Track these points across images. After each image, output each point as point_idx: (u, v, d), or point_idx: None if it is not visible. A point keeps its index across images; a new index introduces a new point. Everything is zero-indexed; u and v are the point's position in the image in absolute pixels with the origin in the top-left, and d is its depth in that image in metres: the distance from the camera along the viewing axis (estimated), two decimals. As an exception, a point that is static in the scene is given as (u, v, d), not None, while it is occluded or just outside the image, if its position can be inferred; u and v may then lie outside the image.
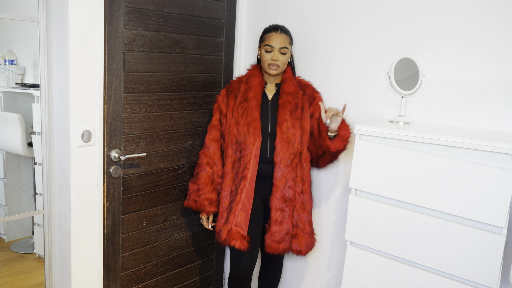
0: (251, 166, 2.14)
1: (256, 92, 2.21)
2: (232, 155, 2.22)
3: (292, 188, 2.16)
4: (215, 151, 2.28)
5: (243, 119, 2.17)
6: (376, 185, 1.86)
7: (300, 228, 2.21)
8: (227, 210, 2.20)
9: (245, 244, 2.12)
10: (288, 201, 2.15)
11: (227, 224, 2.15)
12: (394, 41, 2.08)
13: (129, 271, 2.26)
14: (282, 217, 2.14)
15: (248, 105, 2.18)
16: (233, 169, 2.22)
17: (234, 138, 2.20)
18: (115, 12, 1.99)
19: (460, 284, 1.69)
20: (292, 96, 2.19)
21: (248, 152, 2.14)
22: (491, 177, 1.60)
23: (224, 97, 2.31)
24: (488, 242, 1.61)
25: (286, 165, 2.14)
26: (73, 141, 1.93)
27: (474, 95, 1.89)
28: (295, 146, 2.15)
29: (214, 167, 2.27)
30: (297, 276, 2.55)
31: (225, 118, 2.28)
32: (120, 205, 2.15)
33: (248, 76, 2.27)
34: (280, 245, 2.16)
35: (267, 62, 2.17)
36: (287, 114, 2.15)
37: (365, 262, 1.92)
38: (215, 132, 2.30)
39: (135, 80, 2.11)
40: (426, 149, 1.75)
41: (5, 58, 2.38)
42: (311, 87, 2.29)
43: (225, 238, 2.13)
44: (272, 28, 2.21)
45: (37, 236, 2.46)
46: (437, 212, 1.73)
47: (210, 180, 2.26)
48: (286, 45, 2.17)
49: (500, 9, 1.80)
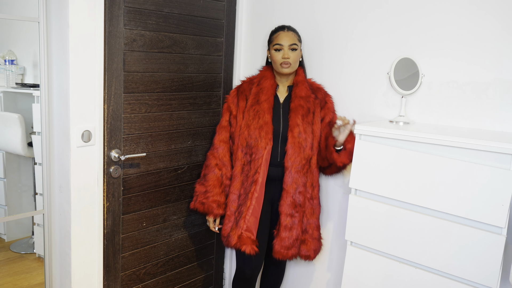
0: (262, 170, 2.11)
1: (269, 95, 2.17)
2: (242, 158, 2.19)
3: (302, 193, 2.13)
4: (225, 153, 2.25)
5: (255, 122, 2.14)
6: (376, 185, 1.86)
7: (309, 234, 2.19)
8: (235, 214, 2.18)
9: (255, 249, 2.11)
10: (298, 207, 2.13)
11: (237, 229, 2.12)
12: (394, 41, 2.08)
13: (129, 271, 2.26)
14: (292, 222, 2.12)
15: (260, 107, 2.14)
16: (243, 172, 2.19)
17: (244, 141, 2.17)
18: (115, 12, 1.99)
19: (460, 284, 1.69)
20: (304, 100, 2.15)
21: (259, 156, 2.11)
22: (491, 177, 1.60)
23: (234, 97, 2.27)
24: (488, 242, 1.61)
25: (297, 170, 2.11)
26: (73, 141, 1.93)
27: (474, 95, 1.89)
28: (306, 152, 2.12)
29: (223, 169, 2.24)
30: (297, 276, 2.55)
31: (235, 119, 2.24)
32: (120, 205, 2.15)
33: (260, 77, 2.23)
34: (289, 251, 2.13)
35: (278, 62, 2.14)
36: (299, 118, 2.12)
37: (365, 262, 1.92)
38: (225, 133, 2.26)
39: (135, 80, 2.11)
40: (426, 149, 1.75)
41: (5, 58, 2.38)
42: (323, 90, 2.25)
43: (236, 242, 2.11)
44: (279, 28, 2.20)
45: (37, 236, 2.46)
46: (437, 212, 1.73)
47: (219, 182, 2.23)
48: (295, 42, 2.14)
49: (500, 9, 1.80)
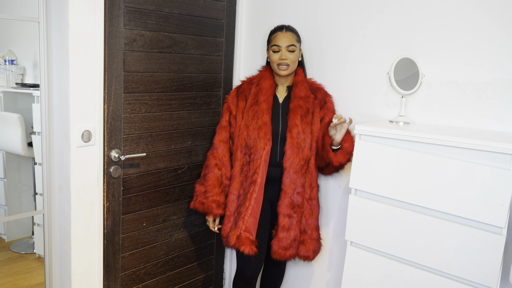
0: (261, 171, 2.11)
1: (268, 95, 2.16)
2: (241, 158, 2.19)
3: (300, 194, 2.13)
4: (224, 153, 2.25)
5: (254, 122, 2.14)
6: (376, 185, 1.86)
7: (308, 234, 2.19)
8: (234, 214, 2.18)
9: (254, 249, 2.11)
10: (297, 207, 2.13)
11: (236, 229, 2.13)
12: (394, 41, 2.08)
13: (129, 271, 2.26)
14: (290, 223, 2.12)
15: (259, 108, 2.14)
16: (242, 173, 2.19)
17: (243, 142, 2.17)
18: (115, 12, 1.99)
19: (460, 284, 1.69)
20: (303, 100, 2.14)
21: (258, 156, 2.11)
22: (491, 177, 1.60)
23: (234, 97, 2.27)
24: (488, 242, 1.61)
25: (295, 171, 2.10)
26: (73, 141, 1.93)
27: (474, 95, 1.89)
28: (305, 152, 2.12)
29: (223, 169, 2.25)
30: (297, 276, 2.55)
31: (234, 119, 2.24)
32: (120, 205, 2.15)
33: (259, 77, 2.23)
34: (287, 251, 2.13)
35: (276, 63, 2.13)
36: (297, 119, 2.11)
37: (365, 262, 1.92)
38: (224, 133, 2.27)
39: (135, 80, 2.11)
40: (426, 149, 1.75)
41: (5, 58, 2.38)
42: (323, 90, 2.24)
43: (235, 243, 2.11)
44: (277, 28, 2.18)
45: (37, 236, 2.46)
46: (437, 212, 1.73)
47: (219, 182, 2.24)
48: (293, 43, 2.12)
49: (500, 9, 1.80)
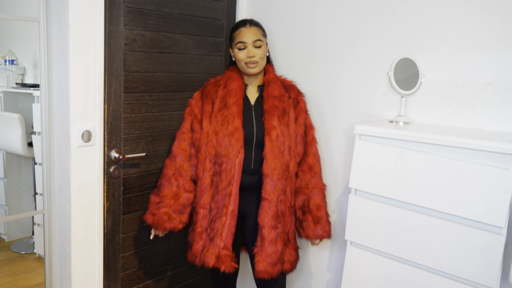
0: (235, 181, 1.94)
1: (237, 97, 1.98)
2: (210, 168, 1.98)
3: (283, 202, 1.98)
4: (183, 162, 2.04)
5: (224, 128, 1.94)
6: (376, 185, 1.86)
7: (291, 244, 2.06)
8: (207, 231, 1.99)
9: (234, 265, 1.96)
10: (281, 217, 1.97)
11: (213, 248, 1.94)
12: (394, 41, 2.08)
13: (129, 271, 2.26)
14: (276, 235, 1.95)
15: (229, 112, 1.95)
16: (213, 184, 1.98)
17: (213, 150, 1.97)
18: (115, 12, 1.99)
19: (460, 284, 1.69)
20: (278, 100, 1.99)
21: (231, 165, 1.93)
22: (491, 177, 1.60)
23: (198, 101, 2.07)
24: (488, 242, 1.61)
25: (278, 177, 1.95)
26: (73, 141, 1.93)
27: (474, 95, 1.89)
28: (285, 157, 1.97)
29: (179, 180, 2.03)
30: (297, 276, 2.55)
31: (199, 124, 2.04)
32: (120, 205, 2.15)
33: (226, 78, 2.04)
34: (275, 267, 1.95)
35: (243, 61, 1.97)
36: (275, 120, 1.95)
37: (365, 262, 1.92)
38: (186, 140, 2.06)
39: (135, 80, 2.11)
40: (426, 149, 1.75)
41: (5, 58, 2.38)
42: (295, 88, 2.12)
43: (214, 263, 1.93)
44: (240, 23, 2.03)
45: (37, 236, 2.47)
46: (437, 212, 1.73)
47: (174, 193, 2.03)
48: (259, 38, 1.98)
49: (500, 8, 1.80)
